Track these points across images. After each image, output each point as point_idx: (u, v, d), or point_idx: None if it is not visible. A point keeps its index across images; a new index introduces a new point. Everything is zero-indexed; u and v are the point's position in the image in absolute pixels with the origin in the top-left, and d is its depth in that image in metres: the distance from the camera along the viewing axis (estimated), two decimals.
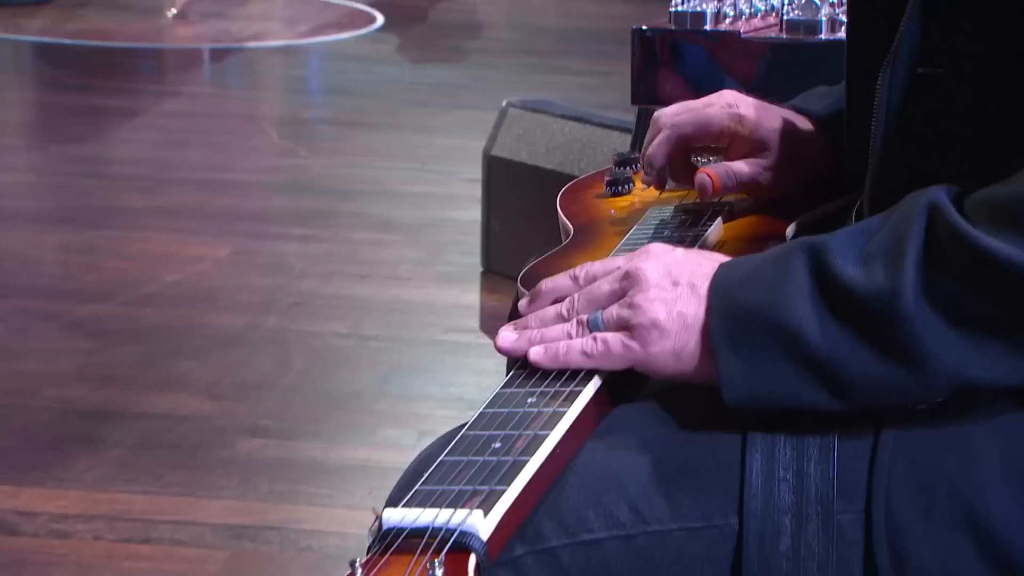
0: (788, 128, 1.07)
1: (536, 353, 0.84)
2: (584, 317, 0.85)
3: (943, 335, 0.76)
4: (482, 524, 0.66)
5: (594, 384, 0.82)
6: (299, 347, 2.62)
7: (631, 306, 0.83)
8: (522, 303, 0.92)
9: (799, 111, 1.09)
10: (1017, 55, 0.81)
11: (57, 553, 1.88)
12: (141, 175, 3.76)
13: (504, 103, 2.55)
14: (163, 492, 2.06)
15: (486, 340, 2.55)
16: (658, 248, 0.87)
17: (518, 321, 0.89)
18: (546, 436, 0.76)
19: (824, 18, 1.98)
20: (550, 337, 0.86)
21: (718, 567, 0.79)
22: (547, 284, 0.90)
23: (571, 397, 0.81)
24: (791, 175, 1.07)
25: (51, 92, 4.81)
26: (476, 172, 2.96)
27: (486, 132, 2.94)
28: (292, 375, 2.51)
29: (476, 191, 2.97)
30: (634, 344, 0.82)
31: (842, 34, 1.82)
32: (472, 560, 0.64)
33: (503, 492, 0.69)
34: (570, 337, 0.85)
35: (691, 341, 0.82)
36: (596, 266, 0.88)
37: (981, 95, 0.83)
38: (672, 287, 0.83)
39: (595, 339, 0.83)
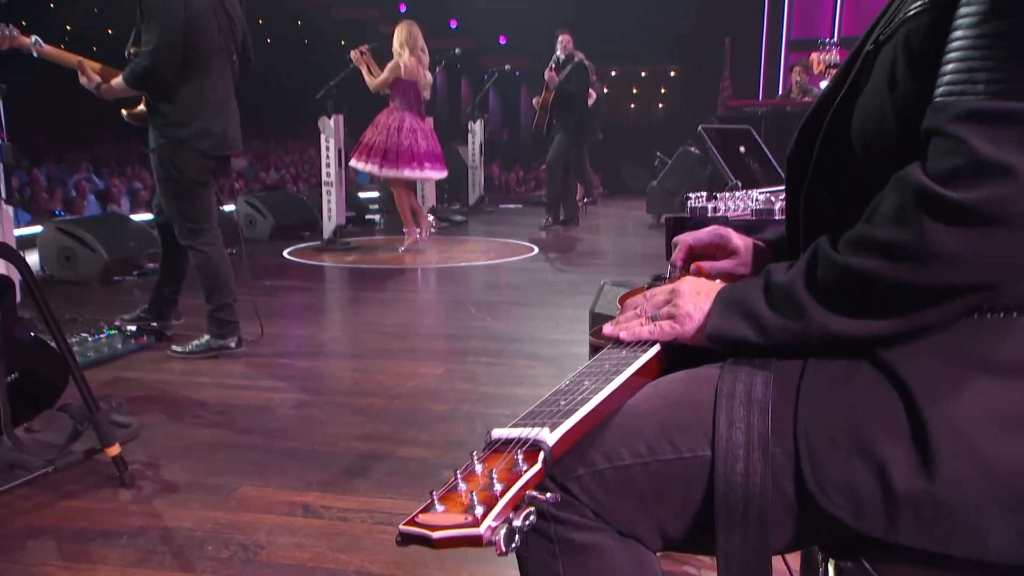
0: (748, 245, 1.09)
1: (622, 333, 0.91)
2: (650, 314, 0.92)
3: (814, 305, 0.79)
4: (549, 437, 0.68)
5: (654, 350, 0.87)
6: (480, 422, 2.67)
7: (675, 306, 0.89)
8: (617, 315, 0.98)
9: (757, 238, 1.11)
10: (867, 183, 0.82)
11: (339, 530, 1.92)
12: (395, 331, 3.97)
13: (601, 283, 2.69)
14: (401, 499, 2.09)
15: None
16: (691, 278, 0.93)
17: (617, 318, 0.96)
18: (599, 391, 0.78)
19: (776, 208, 1.99)
20: (630, 326, 0.92)
21: (699, 482, 0.80)
22: (629, 301, 0.97)
23: (634, 359, 0.85)
24: (748, 267, 1.08)
25: (349, 290, 5.14)
26: (586, 326, 3.01)
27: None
28: (475, 437, 2.55)
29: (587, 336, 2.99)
30: (676, 325, 0.88)
31: None
32: (541, 455, 0.66)
33: (563, 421, 0.71)
34: (641, 325, 0.91)
35: (702, 322, 0.87)
36: (656, 289, 0.95)
37: (850, 202, 0.83)
38: (696, 295, 0.89)
39: (655, 324, 0.90)
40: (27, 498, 2.07)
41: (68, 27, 15.23)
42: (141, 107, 3.24)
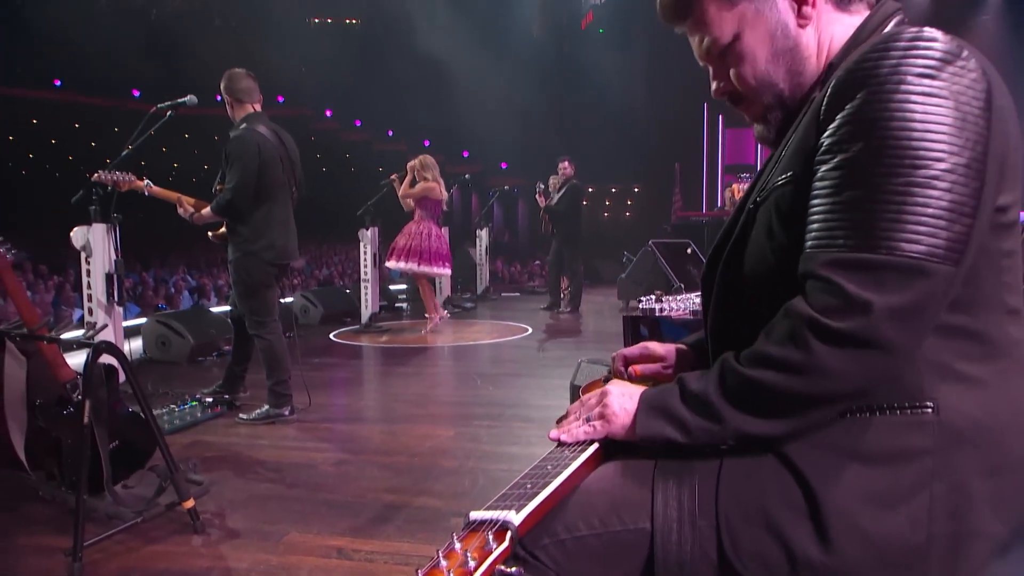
0: (671, 350, 1.06)
1: (563, 436, 0.87)
2: (584, 416, 0.88)
3: (728, 410, 0.76)
4: (515, 518, 0.66)
5: (590, 450, 0.83)
6: (483, 475, 2.61)
7: (604, 406, 0.85)
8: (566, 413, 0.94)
9: (680, 342, 1.08)
10: (757, 304, 0.81)
11: (366, 570, 1.88)
12: (416, 399, 3.87)
13: (579, 361, 2.71)
14: (417, 543, 2.03)
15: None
16: (617, 383, 0.89)
17: (560, 423, 0.91)
18: (555, 477, 0.76)
19: None
20: (571, 428, 0.88)
21: (642, 549, 0.77)
22: (572, 407, 0.93)
23: (576, 456, 0.81)
24: (672, 368, 1.05)
25: (381, 366, 4.99)
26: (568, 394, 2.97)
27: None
28: (478, 489, 2.49)
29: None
30: (607, 423, 0.84)
31: None
32: (508, 534, 0.64)
33: (527, 504, 0.69)
34: (578, 427, 0.87)
35: (628, 421, 0.83)
36: (590, 395, 0.91)
37: (746, 319, 0.82)
38: (622, 397, 0.85)
39: (589, 425, 0.86)
40: (121, 543, 2.06)
41: (176, 164, 15.61)
42: (223, 230, 3.34)
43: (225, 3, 15.04)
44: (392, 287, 8.28)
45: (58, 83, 14.44)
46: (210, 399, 3.53)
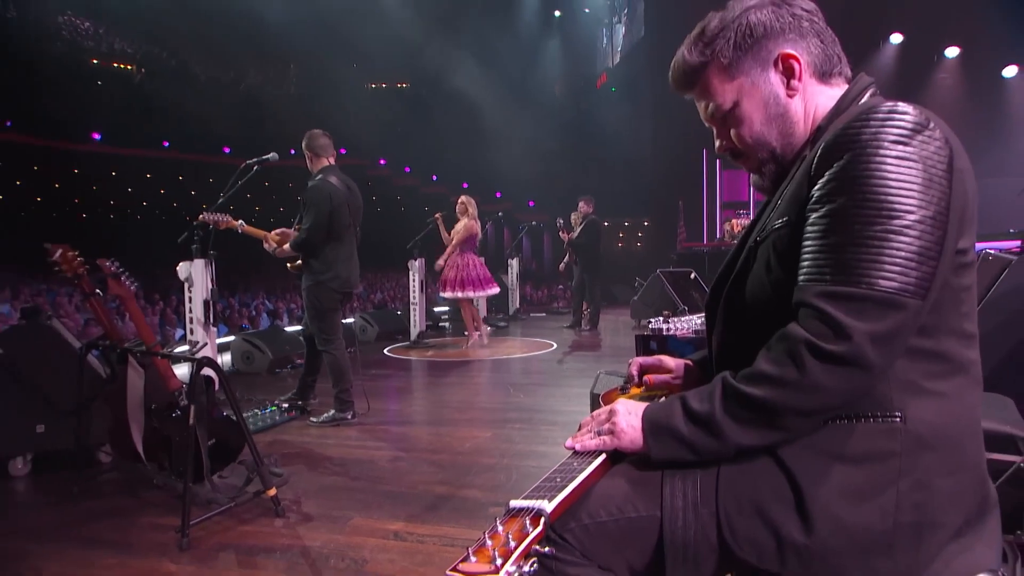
0: (680, 364, 1.06)
1: (577, 445, 0.86)
2: (595, 430, 0.86)
3: (729, 426, 0.76)
4: (548, 506, 0.66)
5: (601, 457, 0.82)
6: (517, 470, 2.58)
7: (612, 423, 0.84)
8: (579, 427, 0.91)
9: (687, 359, 1.06)
10: (755, 329, 0.80)
11: (418, 550, 1.89)
12: (458, 406, 3.81)
13: (599, 372, 2.67)
14: (461, 528, 2.02)
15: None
16: (623, 401, 0.88)
17: (575, 435, 0.88)
18: (580, 472, 0.77)
19: None
20: (583, 440, 0.86)
21: (653, 533, 0.77)
22: (584, 420, 0.90)
23: (590, 461, 0.81)
24: (680, 380, 1.04)
25: (428, 377, 4.91)
26: (588, 401, 2.91)
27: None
28: (512, 482, 2.46)
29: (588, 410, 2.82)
30: (615, 438, 0.83)
31: None
32: (542, 520, 0.64)
33: (558, 495, 0.69)
34: (591, 439, 0.86)
35: (637, 437, 0.82)
36: (600, 411, 0.88)
37: (744, 341, 0.82)
38: (627, 415, 0.84)
39: (600, 438, 0.85)
40: (218, 523, 2.11)
41: (257, 207, 15.99)
42: (298, 262, 3.42)
43: (298, 75, 15.79)
44: (436, 309, 8.32)
45: (166, 144, 15.30)
46: (286, 405, 3.57)
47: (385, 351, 5.94)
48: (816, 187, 0.76)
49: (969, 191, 0.76)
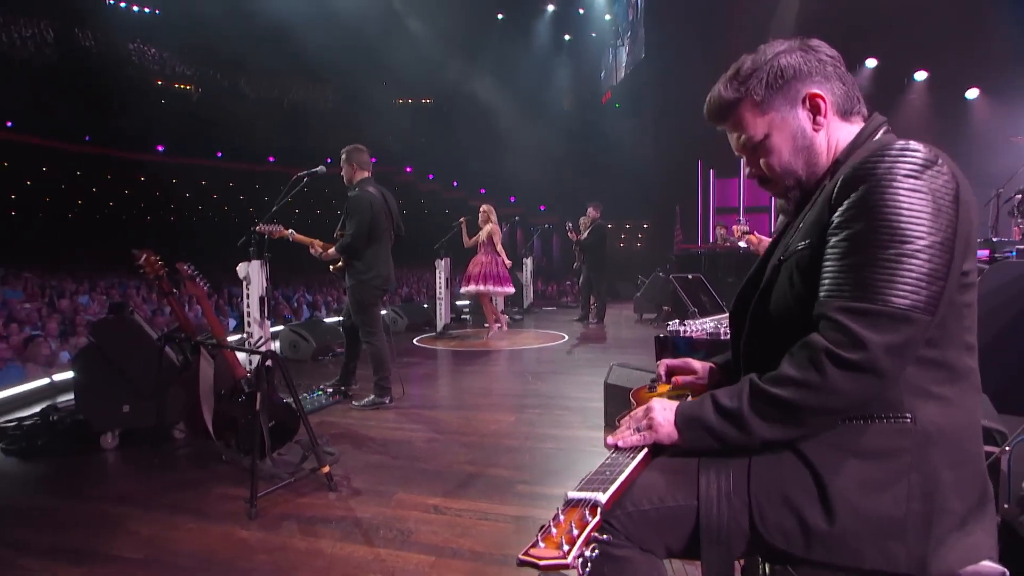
0: (706, 367, 1.05)
1: (620, 442, 0.85)
2: (634, 427, 0.86)
3: (755, 421, 0.76)
4: (603, 497, 0.67)
5: (643, 451, 0.82)
6: (538, 452, 2.56)
7: (650, 419, 0.84)
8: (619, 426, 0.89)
9: (712, 361, 1.06)
10: (778, 338, 0.80)
11: (456, 522, 1.89)
12: (482, 392, 3.74)
13: (611, 364, 2.66)
14: (492, 503, 2.02)
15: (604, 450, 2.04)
16: (657, 399, 0.88)
17: (615, 433, 0.88)
18: (627, 467, 0.77)
19: (720, 331, 1.99)
20: (624, 437, 0.86)
21: (690, 520, 0.78)
22: (623, 418, 0.90)
23: (634, 455, 0.81)
24: (705, 381, 1.04)
25: (453, 365, 4.79)
26: (599, 389, 2.84)
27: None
28: (535, 461, 2.46)
29: (602, 398, 2.80)
30: (653, 432, 0.83)
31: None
32: (599, 510, 0.65)
33: (610, 487, 0.70)
34: (631, 435, 0.85)
35: (672, 430, 0.82)
36: (637, 410, 0.88)
37: (768, 348, 0.82)
38: (663, 411, 0.84)
39: (639, 433, 0.84)
40: (280, 496, 2.14)
41: (296, 211, 16.13)
42: (340, 264, 3.42)
43: (335, 91, 15.93)
44: (458, 303, 8.27)
45: (219, 154, 15.61)
46: (331, 390, 3.58)
47: (414, 341, 5.88)
48: (836, 214, 0.77)
49: (973, 220, 0.77)
